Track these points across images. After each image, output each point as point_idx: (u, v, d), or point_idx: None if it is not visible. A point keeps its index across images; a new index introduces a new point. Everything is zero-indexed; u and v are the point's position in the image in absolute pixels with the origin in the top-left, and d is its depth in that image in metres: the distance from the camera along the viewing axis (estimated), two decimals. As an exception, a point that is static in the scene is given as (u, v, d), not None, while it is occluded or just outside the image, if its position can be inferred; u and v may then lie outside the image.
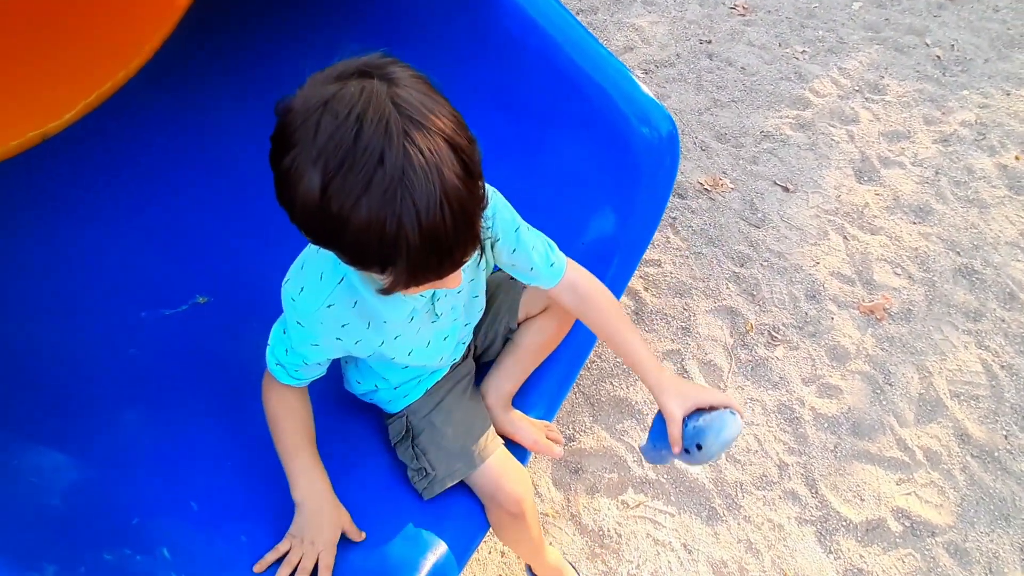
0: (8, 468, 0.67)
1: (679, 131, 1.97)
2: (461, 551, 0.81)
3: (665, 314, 1.56)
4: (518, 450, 0.96)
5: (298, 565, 0.74)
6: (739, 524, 1.27)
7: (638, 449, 1.12)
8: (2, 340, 0.89)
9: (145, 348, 0.97)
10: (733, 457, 1.35)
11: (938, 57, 2.27)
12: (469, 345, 0.97)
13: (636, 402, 1.42)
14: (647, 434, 0.83)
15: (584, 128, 0.97)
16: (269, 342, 0.77)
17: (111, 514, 0.68)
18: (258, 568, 0.72)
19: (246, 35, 1.30)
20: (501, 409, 0.98)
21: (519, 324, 1.01)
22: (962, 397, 1.45)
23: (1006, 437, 1.39)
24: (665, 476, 1.33)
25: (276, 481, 0.80)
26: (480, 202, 0.53)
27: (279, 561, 0.75)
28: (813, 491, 1.31)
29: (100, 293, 1.02)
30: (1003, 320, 1.57)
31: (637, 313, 1.56)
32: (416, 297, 0.72)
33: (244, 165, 1.22)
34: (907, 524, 1.28)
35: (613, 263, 1.03)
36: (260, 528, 0.75)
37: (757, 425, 1.40)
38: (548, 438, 1.06)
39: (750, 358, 1.50)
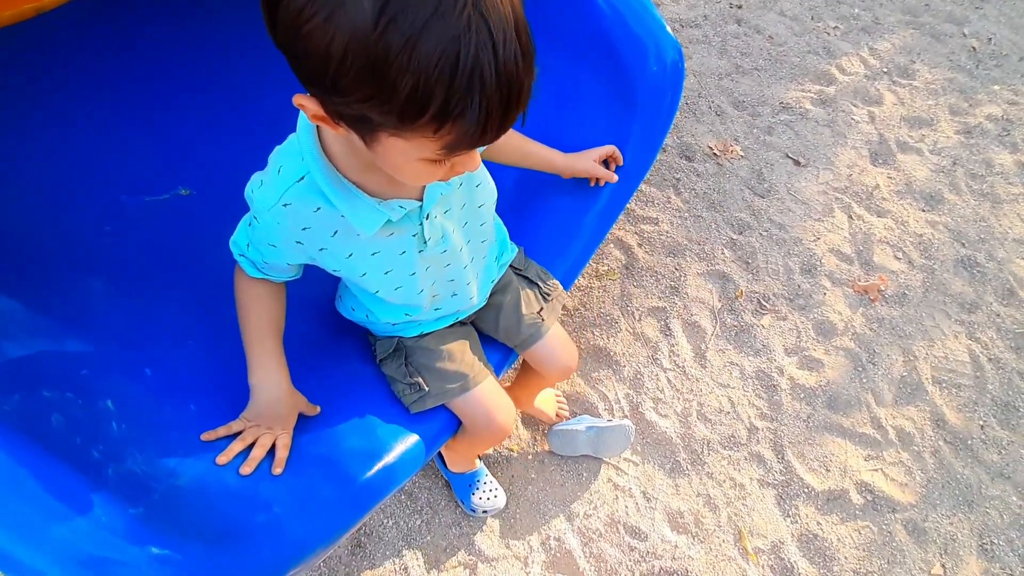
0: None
1: (696, 93, 1.93)
2: (427, 446, 0.81)
3: (656, 272, 1.54)
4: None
5: (254, 443, 0.74)
6: (701, 479, 1.28)
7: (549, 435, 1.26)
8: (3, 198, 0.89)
9: (121, 228, 0.96)
10: (704, 415, 1.35)
11: (973, 48, 2.19)
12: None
13: (614, 353, 1.41)
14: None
15: (587, 47, 0.93)
16: (235, 232, 0.73)
17: (60, 360, 0.68)
18: (205, 437, 0.72)
19: None
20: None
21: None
22: (944, 384, 1.43)
23: (982, 427, 1.38)
24: (634, 427, 1.32)
25: (236, 365, 0.80)
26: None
27: (232, 439, 0.75)
28: (779, 456, 1.31)
29: (84, 171, 1.01)
30: (998, 315, 1.55)
31: (628, 268, 1.54)
32: (394, 208, 0.64)
33: (240, 63, 1.19)
34: (869, 498, 1.28)
35: (603, 195, 1.01)
36: (212, 402, 0.75)
37: (733, 388, 1.39)
38: (558, 414, 1.23)
39: (736, 323, 1.48)
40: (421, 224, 0.69)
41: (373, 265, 0.71)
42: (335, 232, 0.66)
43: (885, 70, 2.07)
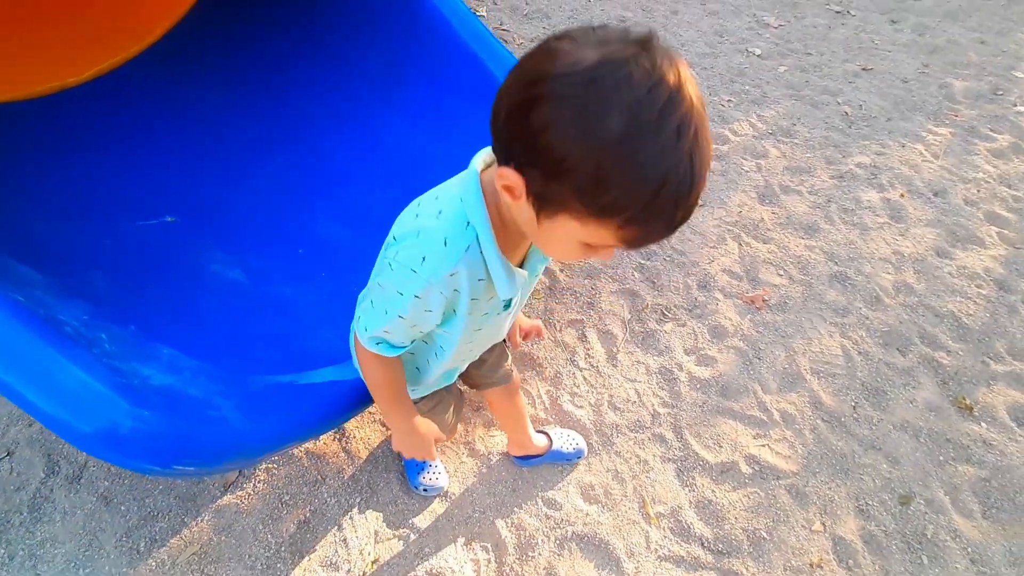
0: (7, 269, 0.93)
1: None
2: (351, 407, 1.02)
3: (574, 291, 1.81)
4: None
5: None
6: (610, 457, 1.46)
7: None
8: (28, 214, 1.18)
9: (120, 242, 1.23)
10: (614, 405, 1.56)
11: (846, 113, 2.63)
12: None
13: (538, 357, 1.64)
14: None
15: (468, 93, 1.26)
16: (361, 322, 0.72)
17: (70, 307, 0.91)
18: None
19: (237, 26, 1.63)
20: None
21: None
22: (821, 374, 1.67)
23: (854, 407, 1.60)
24: (553, 416, 1.53)
25: (187, 336, 1.03)
26: None
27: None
28: (679, 436, 1.51)
29: (97, 201, 1.31)
30: (867, 318, 1.81)
31: (550, 288, 1.81)
32: (518, 275, 0.69)
33: (218, 125, 1.51)
34: (756, 468, 1.46)
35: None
36: (172, 351, 0.98)
37: (639, 382, 1.61)
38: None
39: (642, 330, 1.73)
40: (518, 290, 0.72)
41: (468, 324, 0.73)
42: (475, 298, 0.67)
43: (770, 131, 2.49)
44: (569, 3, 3.18)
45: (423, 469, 1.35)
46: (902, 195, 2.25)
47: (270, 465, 1.38)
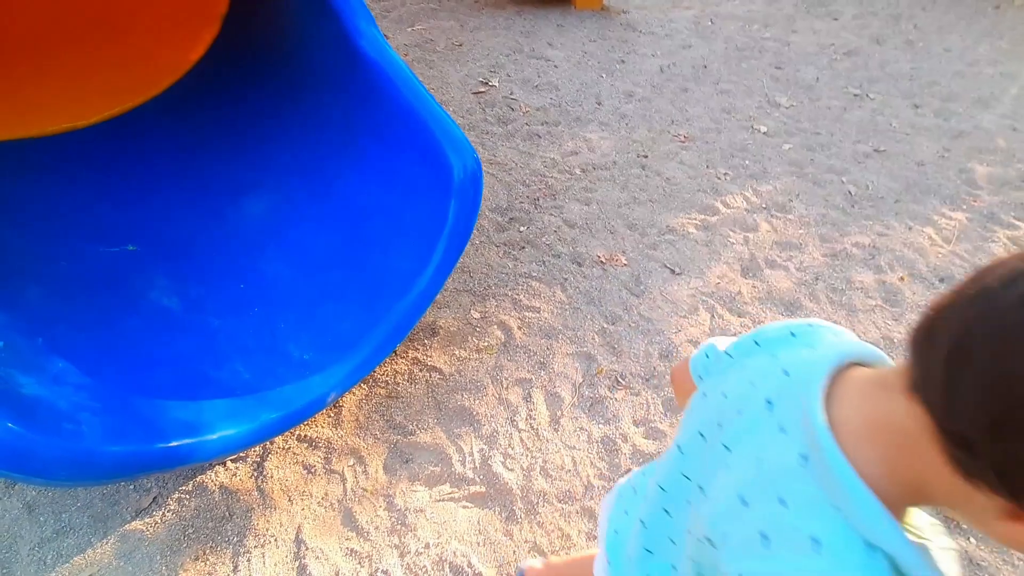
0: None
1: (596, 217, 2.31)
2: (225, 449, 1.03)
3: (529, 350, 1.77)
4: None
5: None
6: (531, 527, 1.37)
7: None
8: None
9: (76, 264, 1.33)
10: (546, 471, 1.48)
11: (850, 192, 2.56)
12: None
13: (477, 413, 1.59)
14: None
15: (410, 150, 1.32)
16: None
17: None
18: None
19: (228, 82, 1.81)
20: None
21: None
22: (781, 461, 1.53)
23: (813, 502, 1.44)
24: (480, 476, 1.46)
25: (95, 359, 1.07)
26: None
27: None
28: (610, 513, 1.40)
29: (68, 226, 1.44)
30: (843, 404, 1.67)
31: (505, 345, 1.78)
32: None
33: (200, 171, 1.64)
34: (690, 558, 1.33)
35: (436, 255, 1.31)
36: (74, 370, 1.02)
37: (578, 450, 1.53)
38: None
39: (592, 395, 1.66)
40: None
41: None
42: None
43: (764, 206, 2.44)
44: (579, 78, 3.33)
45: None
46: (902, 279, 2.12)
47: (182, 495, 1.38)
